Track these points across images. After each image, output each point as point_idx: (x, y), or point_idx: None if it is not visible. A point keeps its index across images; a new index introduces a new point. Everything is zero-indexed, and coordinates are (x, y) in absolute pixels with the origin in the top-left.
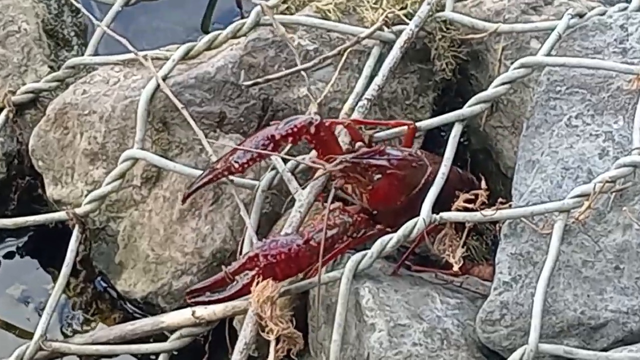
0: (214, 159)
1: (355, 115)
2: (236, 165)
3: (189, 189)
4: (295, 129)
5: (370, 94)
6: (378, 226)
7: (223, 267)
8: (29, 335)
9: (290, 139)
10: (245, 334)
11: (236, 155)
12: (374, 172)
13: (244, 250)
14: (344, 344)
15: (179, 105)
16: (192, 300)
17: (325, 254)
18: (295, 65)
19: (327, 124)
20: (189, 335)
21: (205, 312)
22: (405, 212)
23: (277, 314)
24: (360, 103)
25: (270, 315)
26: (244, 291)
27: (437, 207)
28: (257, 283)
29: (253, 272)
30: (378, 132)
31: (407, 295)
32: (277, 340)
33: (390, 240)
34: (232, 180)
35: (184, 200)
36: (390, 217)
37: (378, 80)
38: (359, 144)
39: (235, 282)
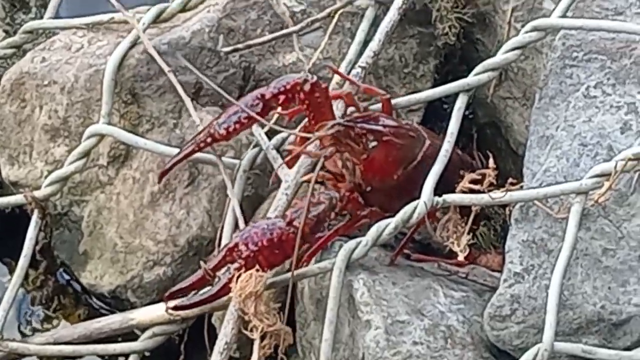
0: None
1: (347, 86)
2: (220, 131)
3: (166, 164)
4: (287, 86)
5: (364, 61)
6: (371, 208)
7: (201, 263)
8: None
9: (281, 97)
10: (226, 332)
11: (221, 119)
12: (369, 139)
13: (224, 237)
14: (336, 343)
15: (166, 69)
16: (172, 306)
17: (312, 237)
18: (280, 29)
19: (322, 85)
20: (163, 333)
21: (182, 310)
22: (400, 193)
23: (261, 309)
24: (353, 71)
25: (254, 311)
26: (227, 290)
27: (437, 190)
28: (239, 277)
29: (234, 265)
30: (373, 104)
31: (406, 288)
32: (262, 337)
33: (388, 226)
34: (219, 156)
35: (160, 179)
36: (385, 198)
37: (373, 45)
38: (351, 109)
39: (217, 279)
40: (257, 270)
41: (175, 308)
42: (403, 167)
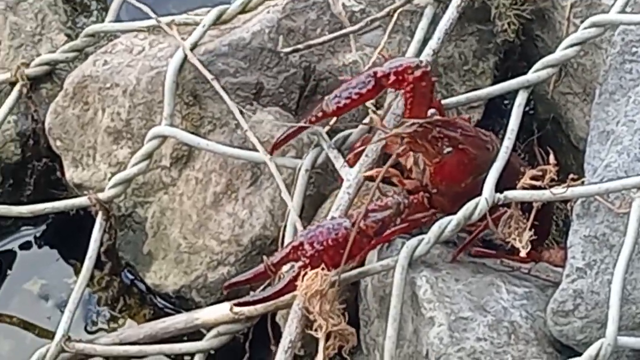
0: (250, 135)
1: None
2: (332, 107)
3: (279, 136)
4: (400, 68)
5: (424, 60)
6: (433, 210)
7: (264, 257)
8: (49, 335)
9: (392, 77)
10: (290, 330)
11: (332, 95)
12: (445, 144)
13: (287, 237)
14: (400, 340)
15: (209, 77)
16: (236, 303)
17: (376, 239)
18: (340, 28)
19: (432, 76)
20: (227, 332)
21: (245, 307)
22: (465, 198)
23: (326, 308)
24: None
25: (319, 310)
26: (291, 287)
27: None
28: (304, 275)
29: (299, 264)
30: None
31: (469, 285)
32: (327, 337)
33: (450, 223)
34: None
35: (271, 152)
36: (448, 202)
37: (433, 44)
38: (432, 111)
39: (279, 277)
40: (323, 269)
41: (239, 304)
42: (473, 177)
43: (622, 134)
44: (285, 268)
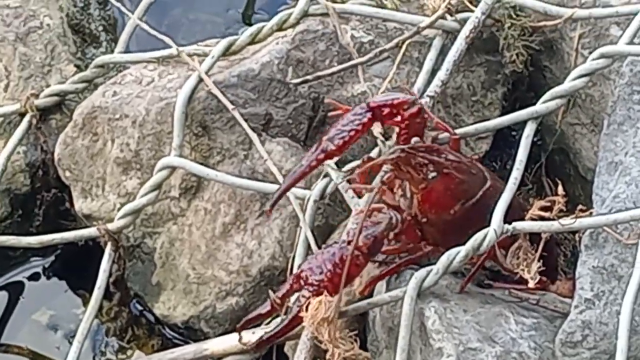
0: (270, 164)
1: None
2: (332, 147)
3: (277, 191)
4: (395, 102)
5: (433, 91)
6: (426, 243)
7: (270, 292)
8: None
9: (386, 110)
10: None
11: (330, 133)
12: (430, 170)
13: (296, 266)
14: None
15: (230, 106)
16: (247, 342)
17: (370, 256)
18: (349, 59)
19: (426, 113)
20: None
21: (253, 337)
22: (456, 230)
23: (336, 335)
24: (422, 101)
25: (329, 337)
26: (299, 319)
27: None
28: (308, 305)
29: (304, 292)
30: (441, 133)
31: (477, 316)
32: None
33: (458, 254)
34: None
35: (273, 205)
36: (439, 233)
37: (441, 75)
38: (415, 139)
39: (288, 309)
40: (326, 296)
41: (255, 345)
42: (461, 203)
43: (631, 165)
44: (293, 298)
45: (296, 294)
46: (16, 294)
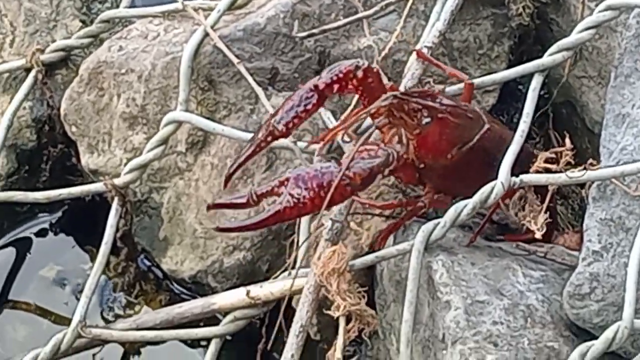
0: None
1: (416, 65)
2: (280, 128)
3: (230, 168)
4: (340, 75)
5: (430, 41)
6: (427, 193)
7: (250, 188)
8: (66, 321)
9: (335, 86)
10: (302, 314)
11: (278, 116)
12: (424, 115)
13: (303, 219)
14: (416, 324)
15: (235, 60)
16: (217, 227)
17: (361, 187)
18: (354, 13)
19: (374, 69)
20: (244, 317)
21: (261, 291)
22: (454, 175)
23: (344, 287)
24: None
25: (337, 289)
26: (272, 220)
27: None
28: (285, 210)
29: (283, 198)
30: (448, 86)
31: (485, 269)
32: (347, 319)
33: (466, 207)
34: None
35: (225, 184)
36: (438, 177)
37: (439, 25)
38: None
39: (264, 209)
40: (340, 247)
41: (221, 229)
42: (458, 147)
43: (638, 117)
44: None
45: (275, 198)
46: (23, 250)
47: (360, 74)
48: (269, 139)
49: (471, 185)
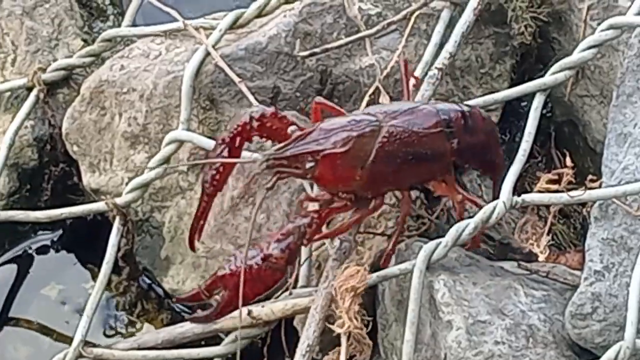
0: None
1: (425, 86)
2: (210, 189)
3: (190, 230)
4: (238, 129)
5: (441, 63)
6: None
7: (198, 285)
8: (67, 340)
9: (238, 139)
10: (308, 334)
11: (206, 177)
12: (306, 160)
13: None
14: (418, 344)
15: (236, 80)
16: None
17: (290, 267)
18: (356, 32)
19: (268, 114)
20: (246, 337)
21: (263, 311)
22: (379, 182)
23: (355, 308)
24: (430, 73)
25: (348, 306)
26: (220, 314)
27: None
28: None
29: (223, 293)
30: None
31: (487, 288)
32: (347, 338)
33: (467, 226)
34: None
35: (191, 245)
36: (365, 189)
37: (449, 47)
38: (291, 128)
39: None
40: (365, 270)
41: (193, 319)
42: (360, 167)
43: None
44: None
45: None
46: (25, 267)
47: (255, 124)
48: (206, 199)
49: (405, 174)
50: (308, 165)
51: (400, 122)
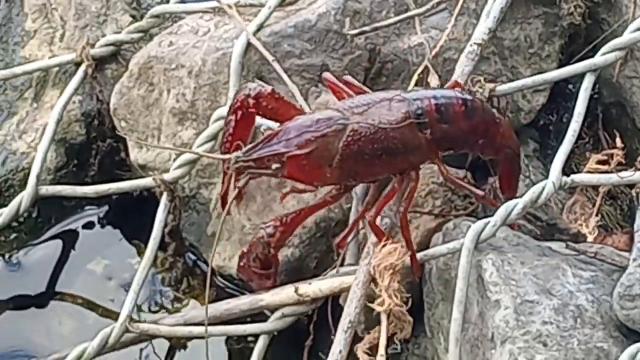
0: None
1: (464, 62)
2: (223, 150)
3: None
4: (237, 104)
5: (480, 39)
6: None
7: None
8: (113, 315)
9: (239, 113)
10: (350, 311)
11: (226, 163)
12: (273, 162)
13: (352, 217)
14: (465, 323)
15: (270, 58)
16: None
17: (267, 272)
18: (406, 10)
19: (266, 93)
20: (292, 314)
21: (310, 288)
22: (352, 173)
23: (394, 285)
24: (469, 48)
25: (387, 284)
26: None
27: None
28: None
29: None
30: (499, 85)
31: (535, 268)
32: (387, 316)
33: (516, 206)
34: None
35: (223, 205)
36: (346, 178)
37: (489, 22)
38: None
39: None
40: (403, 246)
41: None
42: (327, 166)
43: None
44: None
45: None
46: (71, 242)
47: (251, 101)
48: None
49: (379, 168)
50: (274, 166)
51: (365, 118)
